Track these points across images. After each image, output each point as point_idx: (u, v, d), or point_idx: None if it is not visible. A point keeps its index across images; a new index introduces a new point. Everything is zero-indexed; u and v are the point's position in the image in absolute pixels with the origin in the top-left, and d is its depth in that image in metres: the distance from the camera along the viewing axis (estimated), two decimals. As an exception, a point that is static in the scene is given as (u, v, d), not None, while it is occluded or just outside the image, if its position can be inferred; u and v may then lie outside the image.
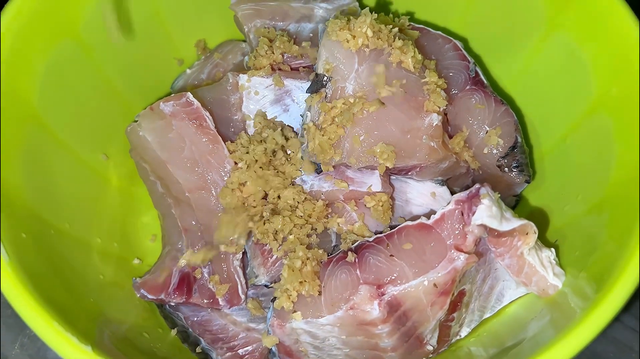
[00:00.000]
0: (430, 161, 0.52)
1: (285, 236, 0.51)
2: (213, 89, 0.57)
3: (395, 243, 0.46)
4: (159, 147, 0.55)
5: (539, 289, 0.47)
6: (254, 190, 0.52)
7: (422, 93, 0.51)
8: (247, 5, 0.60)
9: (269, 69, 0.56)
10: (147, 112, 0.55)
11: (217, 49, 0.66)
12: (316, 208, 0.52)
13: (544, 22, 0.54)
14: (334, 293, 0.46)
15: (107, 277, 0.53)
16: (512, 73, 0.59)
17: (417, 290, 0.45)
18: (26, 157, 0.49)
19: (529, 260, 0.46)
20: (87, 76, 0.57)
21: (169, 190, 0.57)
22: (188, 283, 0.54)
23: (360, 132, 0.50)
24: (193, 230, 0.55)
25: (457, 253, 0.44)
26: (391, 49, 0.51)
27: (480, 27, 0.60)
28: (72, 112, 0.55)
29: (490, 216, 0.44)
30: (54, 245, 0.47)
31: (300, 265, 0.47)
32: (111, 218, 0.59)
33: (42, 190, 0.50)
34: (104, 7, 0.55)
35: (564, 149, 0.55)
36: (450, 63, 0.57)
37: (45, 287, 0.40)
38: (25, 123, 0.50)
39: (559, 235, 0.52)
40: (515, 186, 0.57)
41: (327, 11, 0.60)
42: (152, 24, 0.61)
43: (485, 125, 0.55)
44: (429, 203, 0.55)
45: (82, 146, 0.57)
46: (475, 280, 0.49)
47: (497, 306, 0.52)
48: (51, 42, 0.52)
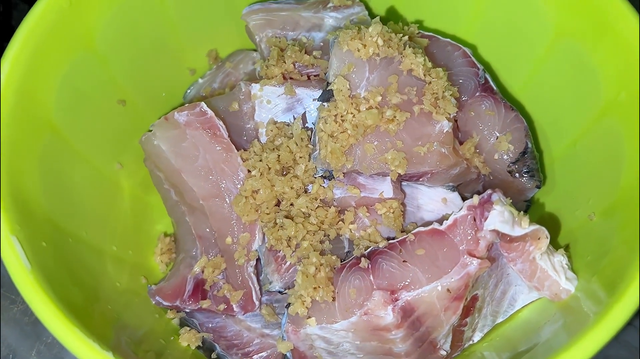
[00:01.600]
0: (442, 167, 0.52)
1: (298, 242, 0.52)
2: (226, 98, 0.58)
3: (408, 249, 0.47)
4: (173, 156, 0.56)
5: (552, 293, 0.48)
6: (266, 197, 0.53)
7: (432, 100, 0.52)
8: (259, 15, 0.61)
9: (280, 78, 0.57)
10: (162, 121, 0.56)
11: (229, 59, 0.67)
12: (329, 214, 0.53)
13: (552, 28, 0.55)
14: (348, 298, 0.47)
15: (123, 284, 0.54)
16: (522, 79, 0.60)
17: (431, 295, 0.45)
18: (44, 166, 0.50)
19: (541, 265, 0.46)
20: (102, 86, 0.58)
21: (183, 198, 0.57)
22: (202, 289, 0.55)
23: (371, 139, 0.51)
24: (207, 237, 0.56)
25: (470, 258, 0.45)
26: (401, 57, 0.52)
27: (488, 33, 0.61)
28: (87, 121, 0.56)
29: (503, 222, 0.44)
30: (73, 253, 0.48)
31: (314, 271, 0.48)
32: (126, 226, 0.60)
33: (60, 199, 0.51)
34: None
35: (574, 154, 0.55)
36: (459, 70, 0.58)
37: (65, 294, 0.41)
38: (43, 134, 0.51)
39: (571, 238, 0.53)
40: (526, 191, 0.57)
41: (337, 20, 0.61)
42: (165, 34, 0.62)
43: (495, 131, 0.55)
44: (441, 209, 0.55)
45: (97, 155, 0.58)
46: (487, 284, 0.49)
47: (509, 311, 0.52)
48: (68, 54, 0.53)
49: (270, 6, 0.62)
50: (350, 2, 0.61)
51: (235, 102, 0.57)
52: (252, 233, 0.54)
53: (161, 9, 0.60)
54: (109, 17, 0.56)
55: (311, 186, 0.53)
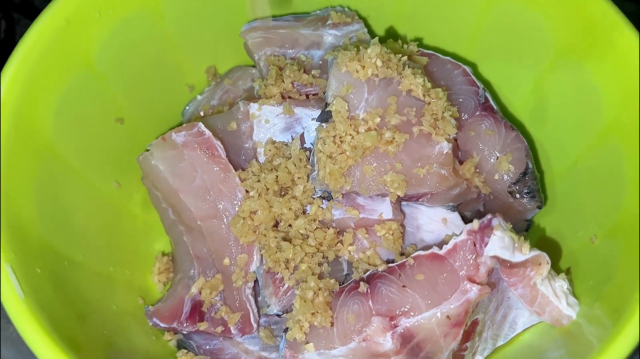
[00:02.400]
0: (441, 188, 0.52)
1: (296, 264, 0.51)
2: (224, 117, 0.57)
3: (408, 274, 0.46)
4: (170, 176, 0.55)
5: (553, 319, 0.47)
6: (264, 218, 0.52)
7: (432, 121, 0.51)
8: (257, 33, 0.60)
9: (279, 97, 0.56)
10: (159, 141, 0.56)
11: (227, 75, 0.67)
12: (327, 236, 0.52)
13: (553, 46, 0.54)
14: (347, 324, 0.46)
15: (119, 306, 0.54)
16: (522, 98, 0.59)
17: (430, 321, 0.44)
18: (40, 189, 0.49)
19: (542, 290, 0.46)
20: (100, 105, 0.57)
21: (180, 218, 0.57)
22: (200, 311, 0.54)
23: (370, 161, 0.51)
24: (205, 258, 0.56)
25: (470, 284, 0.44)
26: (401, 77, 0.52)
27: (489, 51, 0.60)
28: (85, 141, 0.56)
29: (503, 248, 0.44)
30: (68, 278, 0.48)
31: (312, 296, 0.47)
32: (123, 246, 0.60)
33: (56, 221, 0.50)
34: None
35: (575, 174, 0.55)
36: (459, 88, 0.58)
37: (59, 323, 0.40)
38: (40, 156, 0.50)
39: (572, 261, 0.52)
40: (526, 212, 0.56)
41: (336, 38, 0.60)
42: (164, 51, 0.62)
43: (495, 151, 0.55)
44: (441, 229, 0.55)
45: (95, 174, 0.57)
46: (488, 308, 0.49)
47: (510, 334, 0.51)
48: (65, 73, 0.52)
49: (269, 23, 0.62)
50: (350, 20, 0.61)
51: (233, 121, 0.57)
52: (250, 255, 0.54)
53: (160, 26, 0.60)
54: (107, 35, 0.55)
55: (309, 207, 0.53)
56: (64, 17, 0.51)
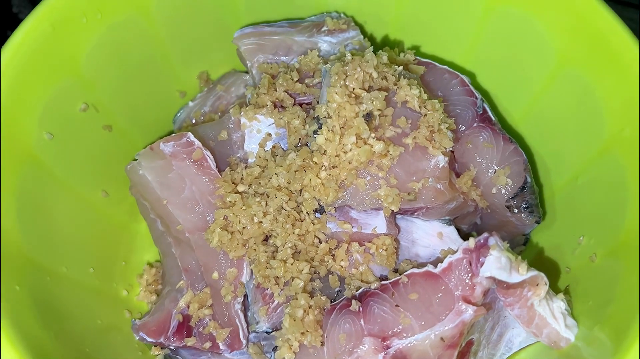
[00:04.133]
0: (437, 203, 0.50)
1: (287, 281, 0.50)
2: (215, 126, 0.56)
3: (401, 292, 0.45)
4: (159, 186, 0.54)
5: (550, 341, 0.46)
6: (254, 233, 0.51)
7: (428, 134, 0.50)
8: (250, 39, 0.59)
9: (271, 107, 0.55)
10: (147, 151, 0.54)
11: (220, 81, 0.65)
12: (319, 251, 0.51)
13: (554, 56, 0.53)
14: (337, 344, 0.45)
15: (104, 321, 0.52)
16: (521, 110, 0.58)
17: (424, 343, 0.43)
18: (21, 200, 0.48)
19: (540, 311, 0.44)
20: (88, 112, 0.56)
21: (169, 229, 0.55)
22: (188, 326, 0.53)
23: (364, 174, 0.49)
24: (193, 271, 0.54)
25: (465, 305, 0.43)
26: (396, 88, 0.50)
27: (488, 61, 0.59)
28: (71, 148, 0.54)
29: (499, 268, 0.42)
30: (49, 293, 0.46)
31: (302, 315, 0.46)
32: (111, 257, 0.58)
33: (38, 233, 0.49)
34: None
35: (575, 189, 0.53)
36: (457, 99, 0.56)
37: (38, 345, 0.39)
38: (22, 165, 0.49)
39: (571, 279, 0.51)
40: (524, 226, 0.55)
41: (332, 45, 0.59)
42: (155, 56, 0.60)
43: (493, 164, 0.53)
44: (436, 244, 0.53)
45: (81, 183, 0.56)
46: (483, 328, 0.47)
47: (506, 354, 0.50)
48: (51, 80, 0.51)
49: (263, 29, 0.60)
50: (345, 27, 0.59)
51: (224, 130, 0.55)
52: (239, 269, 0.52)
53: (150, 30, 0.58)
54: (95, 40, 0.54)
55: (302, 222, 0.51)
56: (49, 23, 0.49)
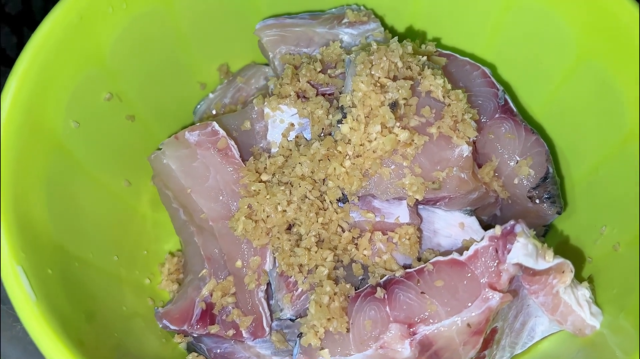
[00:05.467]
0: (460, 192, 0.50)
1: (310, 268, 0.50)
2: (238, 116, 0.56)
3: (427, 279, 0.45)
4: (182, 175, 0.54)
5: (575, 328, 0.46)
6: (277, 221, 0.51)
7: (452, 124, 0.50)
8: (272, 31, 0.59)
9: (294, 97, 0.55)
10: (172, 140, 0.54)
11: (240, 73, 0.66)
12: (342, 239, 0.51)
13: (574, 49, 0.53)
14: (363, 330, 0.45)
15: (129, 308, 0.53)
16: (542, 101, 0.58)
17: (450, 329, 0.43)
18: (50, 187, 0.48)
19: (565, 299, 0.45)
20: (112, 102, 0.56)
21: (192, 218, 0.56)
22: (211, 314, 0.53)
23: (388, 163, 0.49)
24: (216, 259, 0.55)
25: (492, 292, 0.43)
26: (420, 78, 0.50)
27: (508, 53, 0.59)
28: (95, 139, 0.55)
29: (526, 255, 0.42)
30: (78, 279, 0.47)
31: (327, 301, 0.46)
32: (133, 246, 0.59)
33: (66, 220, 0.49)
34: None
35: (596, 179, 0.54)
36: (478, 90, 0.56)
37: (69, 326, 0.39)
38: (50, 153, 0.49)
39: (594, 269, 0.51)
40: (546, 217, 0.55)
41: (353, 37, 0.59)
42: (176, 48, 0.61)
43: (515, 155, 0.54)
44: (458, 234, 0.53)
45: (105, 173, 0.56)
46: (507, 317, 0.48)
47: (528, 343, 0.50)
48: (77, 70, 0.51)
49: (284, 21, 0.60)
50: (366, 18, 0.60)
51: (247, 120, 0.56)
52: (262, 257, 0.52)
53: (173, 22, 0.59)
54: (120, 31, 0.54)
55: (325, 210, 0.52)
56: (77, 13, 0.50)
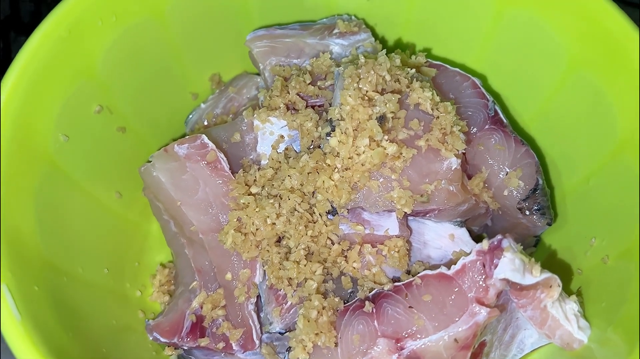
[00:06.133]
0: (449, 205, 0.50)
1: (299, 282, 0.50)
2: (228, 128, 0.56)
3: (415, 294, 0.45)
4: (172, 188, 0.54)
5: (563, 342, 0.46)
6: (267, 234, 0.51)
7: (440, 136, 0.50)
8: (263, 42, 0.59)
9: (284, 109, 0.55)
10: (161, 153, 0.54)
11: (232, 83, 0.66)
12: (332, 252, 0.51)
13: (565, 59, 0.53)
14: (351, 345, 0.45)
15: (119, 321, 0.53)
16: (532, 112, 0.58)
17: (437, 344, 0.43)
18: (39, 201, 0.48)
19: (553, 313, 0.45)
20: (102, 114, 0.56)
21: (182, 230, 0.56)
22: (201, 326, 0.53)
23: (377, 176, 0.49)
24: (207, 272, 0.55)
25: (479, 306, 0.43)
26: (409, 90, 0.50)
27: (499, 63, 0.59)
28: (86, 151, 0.55)
29: (513, 270, 0.42)
30: (66, 294, 0.47)
31: (316, 316, 0.46)
32: (124, 258, 0.59)
33: (55, 235, 0.49)
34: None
35: (587, 190, 0.54)
36: (468, 101, 0.56)
37: (56, 344, 0.39)
38: (39, 166, 0.49)
39: (583, 281, 0.51)
40: (536, 228, 0.55)
41: (343, 47, 0.59)
42: (168, 59, 0.61)
43: (505, 166, 0.54)
44: (448, 246, 0.53)
45: (95, 185, 0.56)
46: (496, 330, 0.48)
47: (518, 355, 0.50)
48: (67, 83, 0.51)
49: (275, 32, 0.60)
50: (357, 29, 0.60)
51: (237, 132, 0.56)
52: (252, 270, 0.52)
53: (164, 33, 0.59)
54: (110, 43, 0.54)
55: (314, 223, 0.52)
56: (66, 26, 0.50)
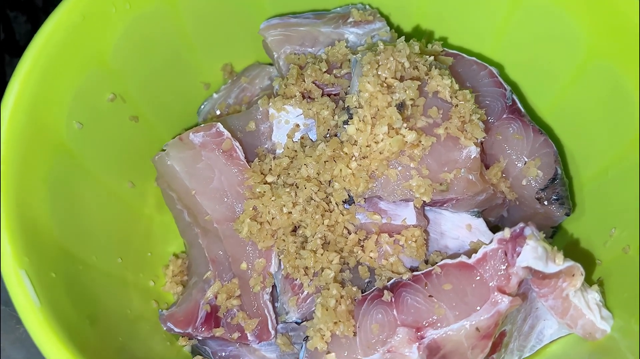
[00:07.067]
0: (468, 194, 0.50)
1: (316, 271, 0.49)
2: (242, 117, 0.56)
3: (434, 283, 0.45)
4: (187, 177, 0.54)
5: (585, 332, 0.45)
6: (283, 223, 0.51)
7: (459, 124, 0.49)
8: (277, 30, 0.59)
9: (299, 97, 0.54)
10: (176, 141, 0.54)
11: (244, 73, 0.65)
12: (349, 241, 0.50)
13: (583, 48, 0.52)
14: (370, 334, 0.44)
15: (133, 311, 0.52)
16: (550, 101, 0.57)
17: (459, 333, 0.43)
18: (54, 189, 0.48)
19: (575, 302, 0.44)
20: (115, 103, 0.56)
21: (196, 220, 0.55)
22: (216, 316, 0.53)
23: (395, 165, 0.49)
24: (221, 261, 0.54)
25: (501, 295, 0.42)
26: (428, 78, 0.50)
27: (516, 52, 0.58)
28: (98, 140, 0.54)
29: (536, 258, 0.42)
30: (82, 282, 0.46)
31: (334, 304, 0.46)
32: (137, 248, 0.58)
33: (70, 223, 0.49)
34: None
35: (605, 181, 0.53)
36: (486, 90, 0.56)
37: (73, 331, 0.39)
38: (54, 155, 0.49)
39: (603, 272, 0.50)
40: (554, 218, 0.54)
41: (358, 36, 0.59)
42: (180, 48, 0.60)
43: (523, 156, 0.53)
44: (465, 236, 0.53)
45: (108, 174, 0.56)
46: (516, 320, 0.47)
47: (537, 346, 0.49)
48: (79, 71, 0.51)
49: (289, 21, 0.60)
50: (372, 18, 0.59)
51: (252, 121, 0.55)
52: (268, 259, 0.52)
53: (176, 22, 0.58)
54: (122, 31, 0.54)
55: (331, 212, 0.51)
56: (79, 13, 0.49)
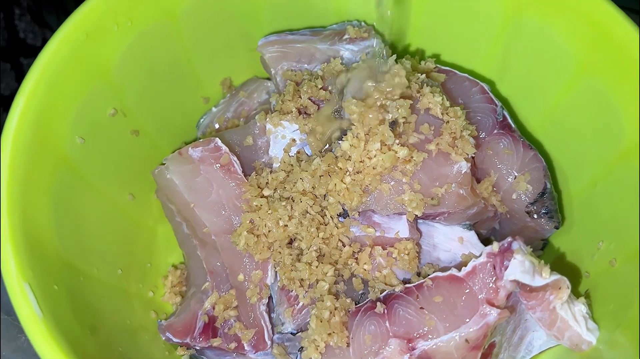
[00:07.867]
0: (459, 208, 0.51)
1: (311, 283, 0.51)
2: (240, 132, 0.57)
3: (425, 295, 0.46)
4: (186, 190, 0.55)
5: (572, 344, 0.46)
6: (279, 236, 0.52)
7: (450, 140, 0.51)
8: (274, 47, 0.60)
9: (296, 113, 0.56)
10: (176, 156, 0.55)
11: (242, 87, 0.67)
12: (343, 254, 0.52)
13: (573, 65, 0.54)
14: (363, 345, 0.46)
15: (133, 321, 0.53)
16: (541, 117, 0.59)
17: (448, 345, 0.44)
18: (57, 202, 0.49)
19: (562, 315, 0.45)
20: (117, 117, 0.57)
21: (194, 232, 0.57)
22: (213, 327, 0.54)
23: (388, 180, 0.50)
24: (219, 273, 0.55)
25: (489, 307, 0.44)
26: (419, 95, 0.51)
27: (507, 69, 0.60)
28: (100, 153, 0.56)
29: (523, 272, 0.43)
30: (83, 294, 0.47)
31: (328, 316, 0.47)
32: (137, 259, 0.59)
33: (72, 235, 0.50)
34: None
35: (594, 194, 0.54)
36: (477, 106, 0.57)
37: (76, 342, 0.40)
38: (57, 169, 0.50)
39: (591, 284, 0.51)
40: (544, 231, 0.56)
41: (353, 53, 0.60)
42: (180, 63, 0.62)
43: (513, 170, 0.55)
44: (457, 248, 0.54)
45: (109, 187, 0.57)
46: (505, 331, 0.48)
47: (526, 357, 0.51)
48: (82, 87, 0.52)
49: (286, 37, 0.61)
50: (367, 35, 0.61)
51: (249, 136, 0.57)
52: (264, 271, 0.53)
53: (177, 38, 0.60)
54: (125, 48, 0.55)
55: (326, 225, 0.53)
56: (83, 31, 0.51)
